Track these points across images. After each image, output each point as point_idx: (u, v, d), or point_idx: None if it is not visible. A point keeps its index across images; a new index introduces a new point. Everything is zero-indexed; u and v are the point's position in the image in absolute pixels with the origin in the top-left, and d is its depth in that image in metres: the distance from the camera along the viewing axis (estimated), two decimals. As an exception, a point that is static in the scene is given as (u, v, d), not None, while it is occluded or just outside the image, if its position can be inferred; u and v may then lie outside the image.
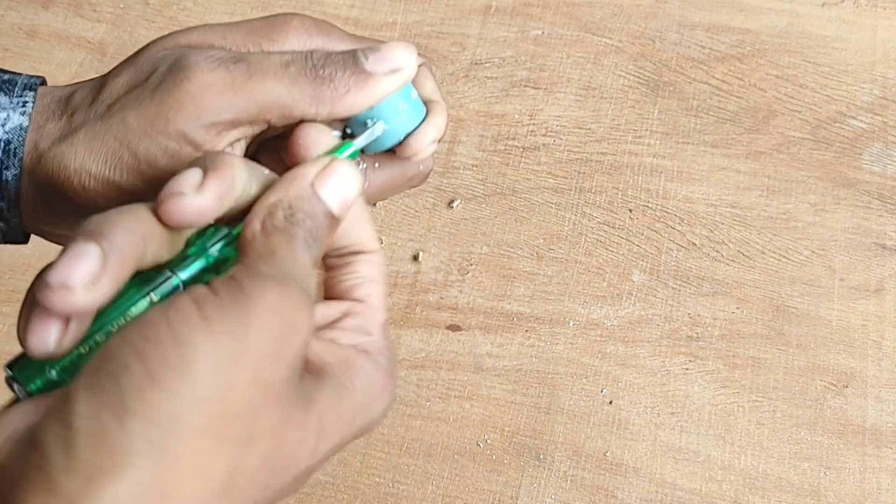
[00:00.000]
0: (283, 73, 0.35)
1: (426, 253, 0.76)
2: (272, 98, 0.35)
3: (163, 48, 0.38)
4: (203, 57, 0.36)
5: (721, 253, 0.75)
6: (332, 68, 0.36)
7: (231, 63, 0.35)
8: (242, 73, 0.35)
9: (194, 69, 0.35)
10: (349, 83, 0.35)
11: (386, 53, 0.36)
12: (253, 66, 0.35)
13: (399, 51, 0.36)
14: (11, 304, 0.75)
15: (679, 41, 0.85)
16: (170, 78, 0.35)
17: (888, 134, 0.80)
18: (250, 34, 0.38)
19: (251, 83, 0.35)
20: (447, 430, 0.69)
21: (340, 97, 0.36)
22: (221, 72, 0.35)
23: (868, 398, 0.69)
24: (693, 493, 0.67)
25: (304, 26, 0.38)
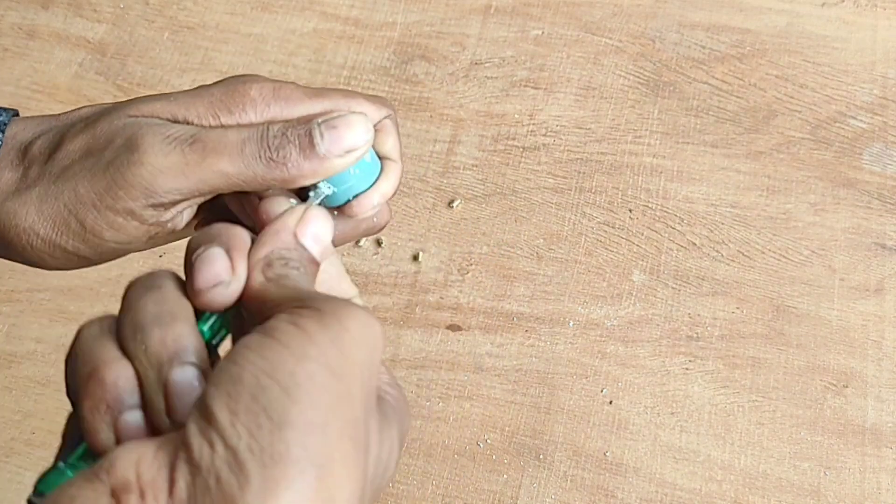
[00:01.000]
0: (238, 155, 0.36)
1: (426, 253, 0.76)
2: (224, 179, 0.36)
3: (125, 115, 0.38)
4: (159, 138, 0.36)
5: (721, 253, 0.75)
6: (287, 150, 0.36)
7: (186, 145, 0.36)
8: (197, 156, 0.36)
9: (147, 152, 0.36)
10: (302, 167, 0.36)
11: (342, 132, 0.37)
12: (209, 147, 0.36)
13: (356, 129, 0.37)
14: (11, 304, 0.75)
15: (679, 41, 0.85)
16: (123, 156, 0.36)
17: (888, 134, 0.80)
18: (211, 106, 0.38)
19: (204, 165, 0.36)
20: (447, 430, 0.69)
21: (292, 178, 0.37)
22: (175, 155, 0.36)
23: (868, 398, 0.69)
24: (693, 493, 0.67)
25: (262, 95, 0.38)
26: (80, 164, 0.37)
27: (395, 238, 0.77)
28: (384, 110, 0.41)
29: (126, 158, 0.36)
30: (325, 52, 0.86)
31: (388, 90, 0.84)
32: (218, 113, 0.38)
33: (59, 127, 0.39)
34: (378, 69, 0.85)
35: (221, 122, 0.38)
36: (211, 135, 0.37)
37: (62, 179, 0.37)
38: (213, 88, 0.39)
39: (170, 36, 0.88)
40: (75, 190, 0.37)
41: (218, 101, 0.38)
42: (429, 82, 0.84)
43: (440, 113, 0.82)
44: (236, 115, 0.38)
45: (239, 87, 0.39)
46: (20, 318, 0.75)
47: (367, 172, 0.39)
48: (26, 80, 0.85)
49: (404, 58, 0.85)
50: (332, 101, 0.39)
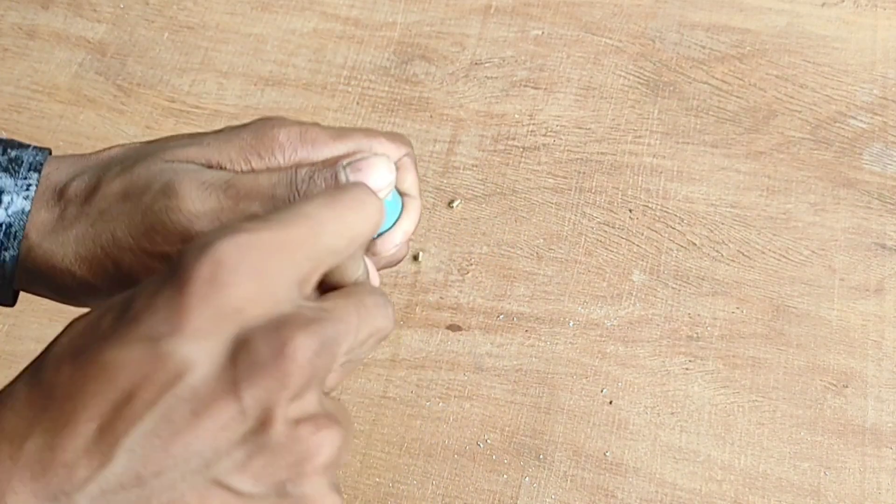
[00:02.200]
0: (269, 200, 0.37)
1: (426, 253, 0.76)
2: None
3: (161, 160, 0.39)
4: (195, 184, 0.38)
5: (721, 253, 0.75)
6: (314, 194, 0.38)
7: (221, 191, 0.37)
8: (231, 202, 0.37)
9: (186, 198, 0.37)
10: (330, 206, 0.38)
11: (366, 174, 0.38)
12: (242, 192, 0.37)
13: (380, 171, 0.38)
14: (11, 304, 0.75)
15: (679, 41, 0.85)
16: (162, 202, 0.37)
17: (888, 134, 0.80)
18: (242, 151, 0.39)
19: (238, 210, 0.37)
20: (447, 430, 0.69)
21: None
22: (212, 201, 0.37)
23: (868, 398, 0.69)
24: (693, 493, 0.67)
25: (289, 140, 0.40)
26: (117, 207, 0.38)
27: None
28: (403, 148, 0.42)
29: (165, 204, 0.37)
30: (325, 52, 0.86)
31: (388, 90, 0.84)
32: (249, 158, 0.39)
33: (94, 168, 0.40)
34: (378, 69, 0.85)
35: (252, 166, 0.39)
36: (244, 180, 0.38)
37: (100, 222, 0.38)
38: (243, 133, 0.40)
39: (170, 36, 0.88)
40: (113, 233, 0.38)
41: (248, 146, 0.39)
42: (429, 82, 0.84)
43: (440, 113, 0.82)
44: (266, 160, 0.39)
45: (268, 131, 0.40)
46: (20, 318, 0.75)
47: (390, 211, 0.40)
48: (26, 80, 0.85)
49: (404, 58, 0.85)
50: (356, 142, 0.40)
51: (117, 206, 0.38)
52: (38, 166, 0.40)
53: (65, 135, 0.82)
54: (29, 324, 0.74)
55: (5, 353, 0.73)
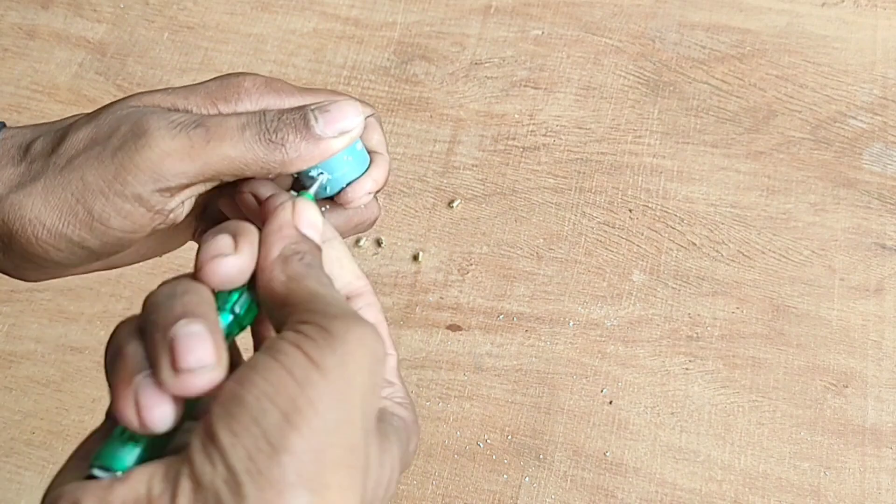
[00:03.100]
0: (239, 138, 0.37)
1: (426, 253, 0.76)
2: (228, 162, 0.38)
3: (126, 106, 0.39)
4: (164, 122, 0.38)
5: (721, 253, 0.75)
6: (285, 132, 0.38)
7: (191, 128, 0.37)
8: (201, 139, 0.37)
9: (154, 135, 0.37)
10: (300, 147, 0.38)
11: (335, 115, 0.39)
12: (211, 130, 0.37)
13: (347, 111, 0.39)
14: (11, 303, 0.75)
15: (679, 41, 0.85)
16: (130, 141, 0.37)
17: (888, 134, 0.80)
18: (208, 96, 0.40)
19: (209, 148, 0.37)
20: (447, 430, 0.69)
21: (291, 161, 0.38)
22: (181, 138, 0.37)
23: (868, 398, 0.69)
24: (693, 493, 0.67)
25: (255, 86, 0.40)
26: (85, 153, 0.38)
27: (395, 238, 0.77)
28: (368, 109, 0.42)
29: (133, 143, 0.37)
30: (325, 52, 0.86)
31: (388, 90, 0.84)
32: (215, 102, 0.40)
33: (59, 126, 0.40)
34: (378, 69, 0.85)
35: (219, 110, 0.40)
36: (213, 120, 0.38)
37: (68, 169, 0.38)
38: (208, 82, 0.41)
39: (170, 36, 0.88)
40: (82, 178, 0.37)
41: (214, 92, 0.40)
42: (429, 82, 0.84)
43: (440, 113, 0.82)
44: (232, 104, 0.40)
45: (233, 79, 0.40)
46: (20, 318, 0.75)
47: (359, 162, 0.41)
48: (26, 80, 0.85)
49: (404, 58, 0.86)
50: (321, 96, 0.41)
51: (85, 153, 0.38)
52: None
53: (65, 135, 0.82)
54: (29, 324, 0.74)
55: (5, 353, 0.73)
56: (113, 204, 0.37)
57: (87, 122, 0.39)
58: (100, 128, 0.39)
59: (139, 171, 0.37)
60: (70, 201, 0.37)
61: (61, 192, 0.38)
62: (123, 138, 0.37)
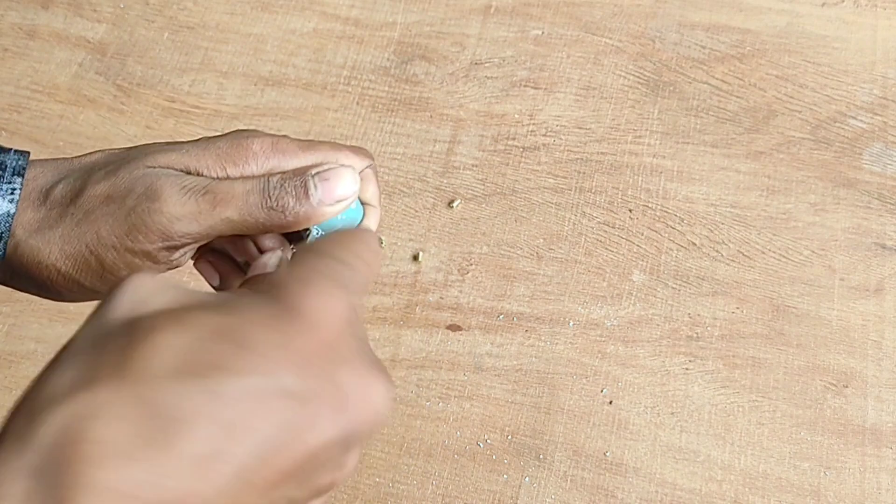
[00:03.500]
0: (243, 204, 0.42)
1: (426, 253, 0.76)
2: (231, 224, 0.42)
3: (143, 166, 0.43)
4: (176, 188, 0.42)
5: (721, 253, 0.75)
6: (285, 200, 0.42)
7: (200, 195, 0.41)
8: (208, 205, 0.41)
9: (166, 201, 0.41)
10: (298, 213, 0.43)
11: (333, 184, 0.43)
12: (218, 197, 0.42)
13: (345, 181, 0.43)
14: (11, 303, 0.75)
15: (679, 41, 0.85)
16: (144, 203, 0.41)
17: (888, 134, 0.80)
18: (218, 159, 0.43)
19: (214, 213, 0.41)
20: (447, 430, 0.69)
21: (288, 224, 0.43)
22: (190, 204, 0.41)
23: (868, 398, 0.69)
24: (693, 493, 0.67)
25: (262, 149, 0.44)
26: (101, 209, 0.42)
27: (395, 238, 0.77)
28: (366, 160, 0.46)
29: (147, 207, 0.41)
30: (325, 52, 0.86)
31: (388, 90, 0.84)
32: (225, 165, 0.43)
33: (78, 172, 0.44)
34: (378, 69, 0.85)
35: (227, 173, 0.43)
36: (220, 186, 0.42)
37: (85, 222, 0.42)
38: (219, 142, 0.44)
39: (170, 36, 0.88)
40: (97, 233, 0.42)
41: (224, 154, 0.44)
42: (429, 82, 0.84)
43: (440, 113, 0.82)
44: (240, 167, 0.43)
45: (242, 141, 0.44)
46: (20, 318, 0.75)
47: (352, 218, 0.44)
48: (26, 80, 0.85)
49: (404, 58, 0.86)
50: (323, 154, 0.44)
51: (102, 208, 0.42)
52: (21, 170, 0.43)
53: (65, 135, 0.82)
54: (29, 324, 0.74)
55: (5, 353, 0.73)
56: (123, 258, 0.42)
57: (105, 178, 0.43)
58: (116, 186, 0.42)
59: (150, 231, 0.41)
60: (84, 252, 0.42)
61: (76, 243, 0.42)
62: (138, 200, 0.41)
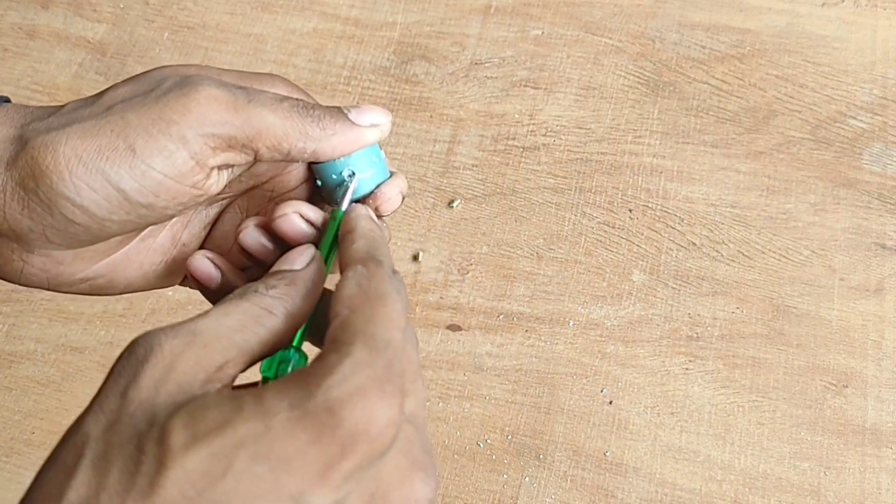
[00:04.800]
0: (278, 106, 0.38)
1: (426, 253, 0.76)
2: (267, 125, 0.38)
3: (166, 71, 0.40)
4: (209, 79, 0.38)
5: (721, 253, 0.75)
6: (321, 112, 0.39)
7: (234, 87, 0.38)
8: (243, 98, 0.38)
9: (202, 83, 0.37)
10: (336, 127, 0.39)
11: (366, 110, 0.40)
12: (252, 94, 0.38)
13: (377, 110, 0.41)
14: (11, 303, 0.75)
15: (679, 41, 0.85)
16: (176, 88, 0.37)
17: (888, 134, 0.80)
18: (242, 78, 0.40)
19: (250, 107, 0.37)
20: (447, 430, 0.69)
21: (328, 137, 0.39)
22: (225, 92, 0.37)
23: (868, 398, 0.69)
24: (693, 493, 0.67)
25: (286, 85, 0.41)
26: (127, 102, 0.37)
27: (395, 238, 0.77)
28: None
29: (179, 91, 0.37)
30: (325, 52, 0.86)
31: (388, 90, 0.84)
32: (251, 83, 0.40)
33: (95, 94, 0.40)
34: (378, 69, 0.85)
35: None
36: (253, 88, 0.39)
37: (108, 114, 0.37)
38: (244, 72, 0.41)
39: (170, 36, 0.88)
40: (123, 118, 0.36)
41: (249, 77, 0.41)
42: (429, 82, 0.84)
43: (440, 113, 0.82)
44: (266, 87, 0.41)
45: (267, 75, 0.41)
46: (20, 318, 0.75)
47: (384, 167, 0.42)
48: (26, 80, 0.85)
49: (404, 58, 0.86)
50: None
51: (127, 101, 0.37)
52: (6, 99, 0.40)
53: (65, 135, 0.82)
54: (29, 324, 0.74)
55: (5, 353, 0.73)
56: (157, 141, 0.36)
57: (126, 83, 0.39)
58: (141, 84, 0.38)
59: (186, 110, 0.36)
60: (110, 137, 0.36)
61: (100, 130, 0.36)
62: (169, 88, 0.37)
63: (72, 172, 0.36)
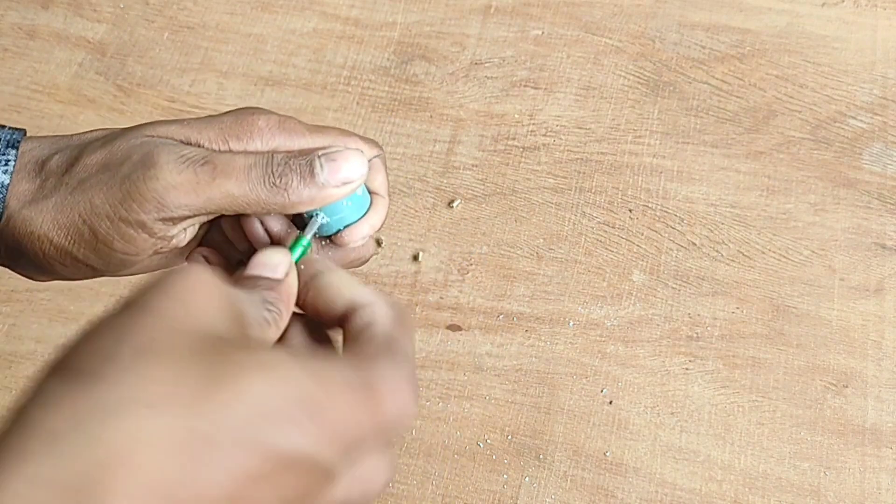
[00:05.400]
0: (244, 178, 0.39)
1: (426, 253, 0.76)
2: (230, 199, 0.39)
3: (141, 135, 0.41)
4: (174, 156, 0.39)
5: (721, 253, 0.75)
6: (289, 177, 0.39)
7: (199, 165, 0.39)
8: (207, 176, 0.39)
9: (163, 168, 0.39)
10: (301, 193, 0.40)
11: (340, 165, 0.40)
12: (218, 168, 0.39)
13: (353, 163, 0.40)
14: (11, 303, 0.75)
15: (679, 41, 0.85)
16: (139, 171, 0.39)
17: (888, 134, 0.80)
18: (221, 132, 0.41)
19: (213, 185, 0.39)
20: (447, 430, 0.69)
21: (292, 204, 0.40)
22: (188, 174, 0.39)
23: (868, 398, 0.69)
24: (693, 493, 0.67)
25: (268, 126, 0.42)
26: (96, 177, 0.40)
27: (395, 238, 0.77)
28: (375, 149, 0.44)
29: (142, 174, 0.39)
30: (325, 52, 0.86)
31: (388, 90, 0.84)
32: (227, 139, 0.41)
33: (76, 145, 0.42)
34: (378, 69, 0.85)
35: (230, 147, 0.41)
36: (221, 158, 0.39)
37: (79, 191, 0.40)
38: (223, 117, 0.42)
39: (170, 36, 0.88)
40: (91, 201, 0.39)
41: (228, 128, 0.41)
42: (429, 82, 0.84)
43: (440, 113, 0.82)
44: (244, 143, 0.41)
45: (248, 117, 0.42)
46: (20, 318, 0.75)
47: (359, 205, 0.42)
48: (26, 80, 0.85)
49: (404, 58, 0.85)
50: (331, 138, 0.42)
51: (97, 176, 0.40)
52: (15, 143, 0.41)
53: (65, 135, 0.82)
54: (29, 324, 0.74)
55: (5, 353, 0.73)
56: (117, 228, 0.39)
57: (102, 147, 0.41)
58: (113, 154, 0.40)
59: (144, 199, 0.38)
60: (77, 222, 0.40)
61: (69, 212, 0.40)
62: (133, 167, 0.39)
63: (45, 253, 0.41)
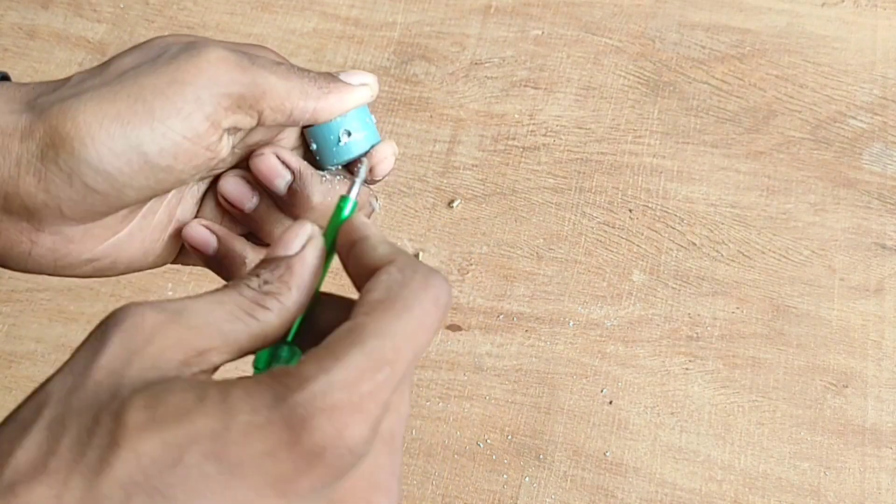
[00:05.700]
0: (277, 68, 0.40)
1: (426, 253, 0.76)
2: (271, 86, 0.39)
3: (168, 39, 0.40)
4: (214, 42, 0.39)
5: (721, 253, 0.75)
6: (315, 73, 0.41)
7: (238, 50, 0.39)
8: (247, 60, 0.39)
9: (208, 46, 0.38)
10: (330, 87, 0.41)
11: (353, 73, 0.42)
12: (254, 57, 0.39)
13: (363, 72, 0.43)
14: (11, 303, 0.75)
15: (679, 41, 0.85)
16: (185, 52, 0.38)
17: (888, 134, 0.80)
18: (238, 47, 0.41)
19: (254, 68, 0.39)
20: (447, 430, 0.69)
21: (325, 95, 0.40)
22: (232, 53, 0.38)
23: (868, 398, 0.69)
24: (693, 493, 0.67)
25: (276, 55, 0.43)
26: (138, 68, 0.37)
27: (395, 238, 0.77)
28: None
29: (188, 54, 0.37)
30: (325, 52, 0.86)
31: (388, 90, 0.84)
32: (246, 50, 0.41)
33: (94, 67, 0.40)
34: (378, 69, 0.85)
35: None
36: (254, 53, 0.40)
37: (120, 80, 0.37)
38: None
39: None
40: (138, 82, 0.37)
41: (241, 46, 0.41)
42: (429, 82, 0.84)
43: (440, 113, 0.83)
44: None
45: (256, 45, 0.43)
46: (20, 318, 0.75)
47: (375, 131, 0.44)
48: (26, 80, 0.85)
49: (404, 58, 0.86)
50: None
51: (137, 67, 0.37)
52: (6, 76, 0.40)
53: (65, 135, 0.82)
54: (29, 324, 0.74)
55: (5, 353, 0.73)
56: (174, 103, 0.36)
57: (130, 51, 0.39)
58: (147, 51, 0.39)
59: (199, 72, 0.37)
60: (128, 101, 0.36)
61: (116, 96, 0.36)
62: (177, 53, 0.38)
63: (94, 139, 0.36)
